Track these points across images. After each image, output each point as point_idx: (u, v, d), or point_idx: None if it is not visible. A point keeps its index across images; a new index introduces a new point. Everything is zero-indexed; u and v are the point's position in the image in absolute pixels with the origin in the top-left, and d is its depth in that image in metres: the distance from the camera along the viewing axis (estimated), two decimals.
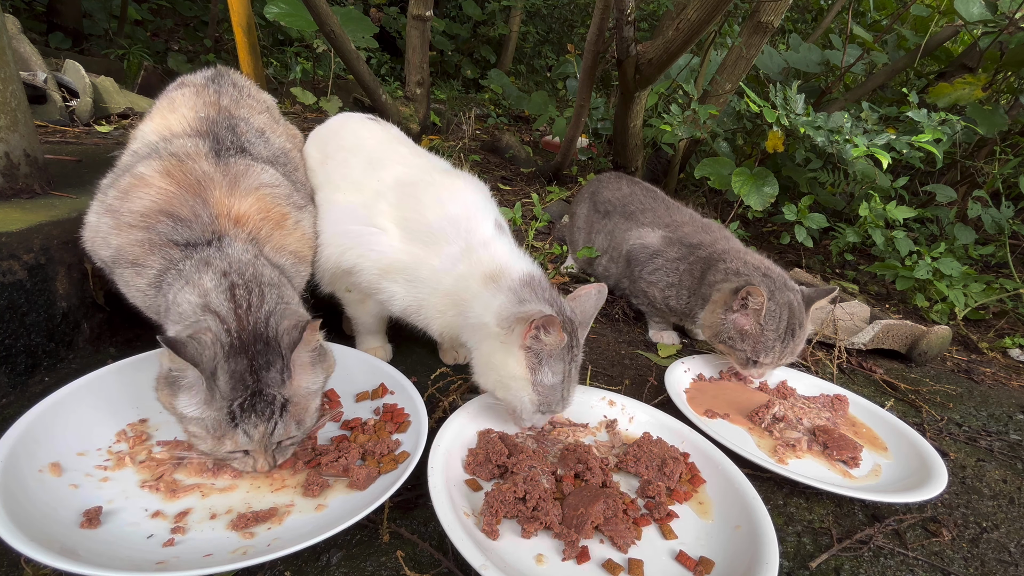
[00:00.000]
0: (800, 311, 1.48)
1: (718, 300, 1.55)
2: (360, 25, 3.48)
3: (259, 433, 0.88)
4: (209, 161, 1.10)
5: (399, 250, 1.23)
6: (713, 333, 1.55)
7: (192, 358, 0.82)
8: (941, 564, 1.06)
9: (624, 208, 2.03)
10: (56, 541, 0.75)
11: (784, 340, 1.46)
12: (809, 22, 4.71)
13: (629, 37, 2.50)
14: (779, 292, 1.49)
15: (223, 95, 1.32)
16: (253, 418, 0.87)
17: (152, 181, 1.03)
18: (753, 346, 1.47)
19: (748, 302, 1.47)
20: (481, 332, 1.15)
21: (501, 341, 1.11)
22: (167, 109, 1.27)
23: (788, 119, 2.44)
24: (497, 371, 1.12)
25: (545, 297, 1.15)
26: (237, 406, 0.86)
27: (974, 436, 1.56)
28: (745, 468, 1.13)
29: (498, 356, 1.12)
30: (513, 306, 1.11)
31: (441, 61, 6.25)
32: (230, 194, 1.07)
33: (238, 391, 0.86)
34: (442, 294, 1.21)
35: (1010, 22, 2.76)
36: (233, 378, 0.86)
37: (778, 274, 1.56)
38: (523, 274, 1.18)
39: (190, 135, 1.17)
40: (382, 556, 0.89)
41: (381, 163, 1.38)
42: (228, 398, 0.86)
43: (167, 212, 1.01)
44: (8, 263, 1.14)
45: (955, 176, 3.14)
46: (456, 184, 1.32)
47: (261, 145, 1.29)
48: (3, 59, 1.26)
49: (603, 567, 0.88)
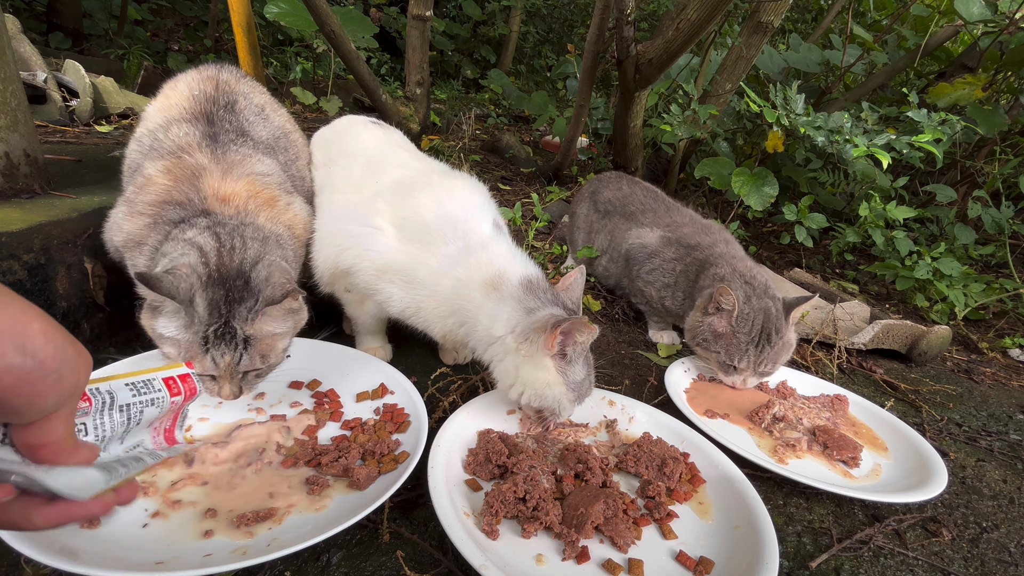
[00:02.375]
0: (779, 318, 1.46)
1: (700, 305, 1.56)
2: (360, 25, 3.48)
3: (225, 361, 0.97)
4: (204, 152, 1.18)
5: (396, 250, 1.23)
6: (691, 336, 1.55)
7: (168, 291, 0.91)
8: (941, 564, 1.06)
9: (624, 208, 2.03)
10: (56, 541, 0.75)
11: (759, 345, 1.45)
12: (809, 22, 4.71)
13: (629, 37, 2.50)
14: (756, 298, 1.48)
15: (223, 71, 1.37)
16: (222, 346, 0.96)
17: (157, 180, 1.14)
18: (726, 348, 1.47)
19: (721, 303, 1.47)
20: (497, 347, 1.14)
21: (524, 355, 1.11)
22: (170, 88, 1.34)
23: (788, 119, 2.44)
24: (530, 384, 1.12)
25: (549, 299, 1.15)
26: (212, 331, 0.95)
27: (974, 436, 1.56)
28: (745, 468, 1.13)
29: (526, 370, 1.11)
30: (522, 316, 1.11)
31: (441, 61, 6.25)
32: (222, 180, 1.15)
33: (214, 317, 0.95)
34: (441, 298, 1.20)
35: (1010, 22, 2.76)
36: (210, 305, 0.95)
37: (760, 282, 1.55)
38: (522, 278, 1.17)
39: (186, 119, 1.23)
40: (382, 556, 0.89)
41: (380, 166, 1.38)
42: (205, 323, 0.95)
43: (167, 201, 1.11)
44: (8, 263, 1.14)
45: (955, 176, 3.14)
46: (454, 184, 1.31)
47: (260, 124, 1.32)
48: (3, 59, 1.26)
49: (603, 567, 0.88)
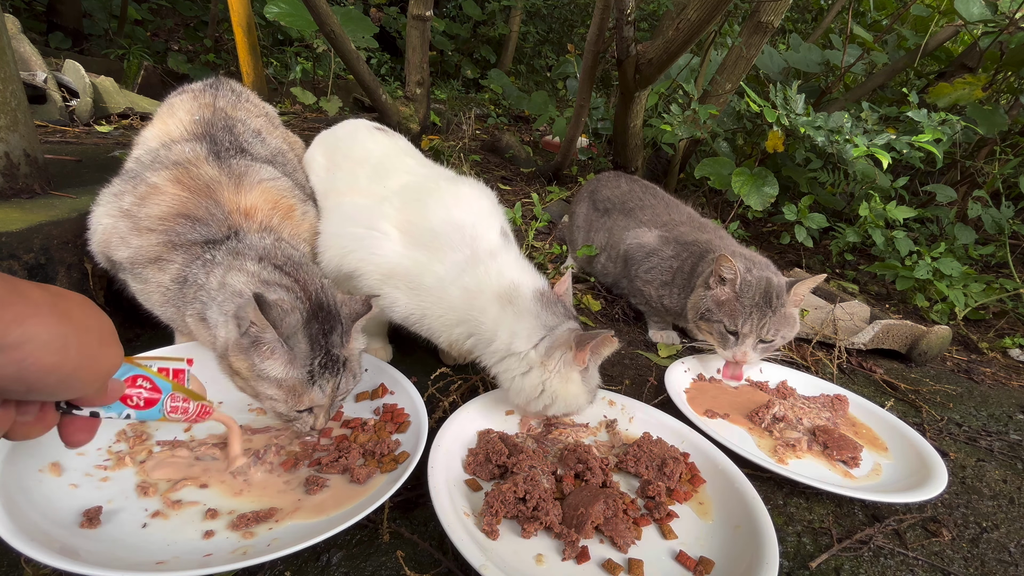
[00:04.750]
0: (780, 289, 1.48)
1: (701, 284, 1.58)
2: (360, 25, 3.49)
3: (330, 388, 0.99)
4: (211, 164, 1.17)
5: (402, 255, 1.22)
6: (694, 312, 1.56)
7: (273, 320, 0.91)
8: (941, 564, 1.06)
9: (623, 206, 2.03)
10: (56, 541, 0.75)
11: (762, 309, 1.45)
12: (809, 22, 4.71)
13: (629, 37, 2.50)
14: (756, 269, 1.51)
15: (219, 98, 1.38)
16: (327, 375, 0.98)
17: (165, 189, 1.11)
18: (730, 314, 1.47)
19: (723, 272, 1.48)
20: (515, 361, 1.15)
21: (550, 369, 1.13)
22: (167, 114, 1.33)
23: (788, 119, 2.44)
24: (560, 397, 1.14)
25: (563, 313, 1.18)
26: (317, 364, 0.97)
27: (974, 436, 1.56)
28: (745, 468, 1.13)
29: (555, 383, 1.13)
30: (543, 331, 1.14)
31: (441, 61, 6.25)
32: (236, 192, 1.14)
33: (316, 351, 0.97)
34: (448, 306, 1.20)
35: (1010, 22, 2.76)
36: (312, 340, 0.97)
37: (761, 260, 1.59)
38: (535, 291, 1.19)
39: (187, 139, 1.23)
40: (382, 556, 0.89)
41: (387, 173, 1.37)
42: (309, 358, 0.96)
43: (183, 214, 1.09)
44: (8, 263, 1.15)
45: (955, 176, 3.14)
46: (461, 191, 1.31)
47: (258, 145, 1.34)
48: (3, 59, 1.26)
49: (603, 567, 0.88)
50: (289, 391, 0.96)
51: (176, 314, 1.11)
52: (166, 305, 1.11)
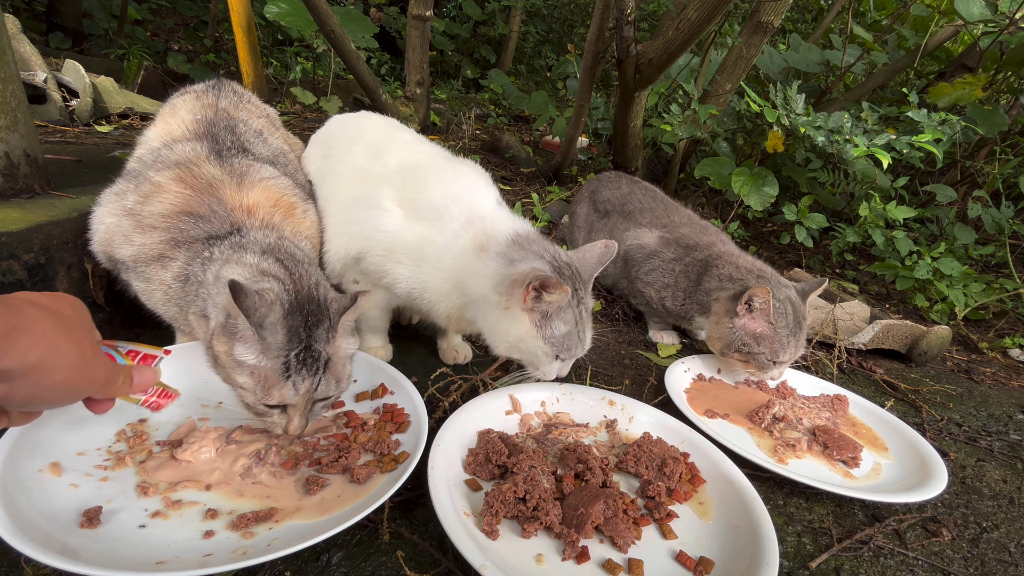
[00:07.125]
0: (800, 305, 1.51)
1: (719, 311, 1.54)
2: (360, 25, 3.48)
3: (305, 387, 0.95)
4: (213, 163, 1.17)
5: (404, 228, 1.25)
6: (725, 344, 1.52)
7: (246, 308, 0.89)
8: (941, 564, 1.06)
9: (623, 207, 2.03)
10: (56, 541, 0.75)
11: (795, 334, 1.47)
12: (809, 22, 4.71)
13: (629, 37, 2.49)
14: (777, 289, 1.50)
15: (222, 98, 1.39)
16: (304, 371, 0.95)
17: (169, 187, 1.11)
18: (771, 347, 1.47)
19: (753, 304, 1.47)
20: (483, 305, 1.17)
21: (503, 307, 1.13)
22: (169, 114, 1.34)
23: (788, 119, 2.44)
24: (505, 337, 1.15)
25: (535, 251, 1.16)
26: (293, 356, 0.93)
27: (974, 436, 1.56)
28: (745, 468, 1.13)
29: (503, 324, 1.14)
30: (504, 269, 1.12)
31: (441, 61, 6.25)
32: (239, 190, 1.15)
33: (294, 343, 0.94)
34: (445, 275, 1.23)
35: (1010, 22, 2.76)
36: (291, 331, 0.94)
37: (771, 273, 1.59)
38: (510, 234, 1.19)
39: (190, 139, 1.24)
40: (382, 556, 0.89)
41: (384, 149, 1.40)
42: (285, 349, 0.93)
43: (186, 212, 1.09)
44: (8, 263, 1.14)
45: (955, 176, 3.14)
46: (459, 168, 1.36)
47: (260, 145, 1.35)
48: (3, 59, 1.26)
49: (603, 567, 0.88)
50: (259, 381, 0.93)
51: (178, 313, 1.11)
52: (168, 304, 1.11)
